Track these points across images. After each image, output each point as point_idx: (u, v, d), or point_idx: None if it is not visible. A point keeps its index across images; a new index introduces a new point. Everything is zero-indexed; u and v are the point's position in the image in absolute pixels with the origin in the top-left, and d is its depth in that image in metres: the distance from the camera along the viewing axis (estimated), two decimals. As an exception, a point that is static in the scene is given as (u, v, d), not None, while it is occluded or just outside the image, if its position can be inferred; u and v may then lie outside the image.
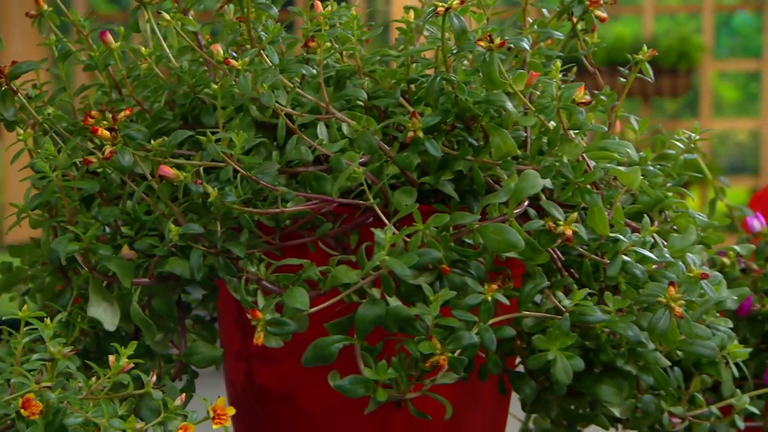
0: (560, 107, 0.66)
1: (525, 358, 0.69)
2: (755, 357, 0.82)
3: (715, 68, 7.50)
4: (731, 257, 0.82)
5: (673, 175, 0.78)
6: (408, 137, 0.65)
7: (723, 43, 12.20)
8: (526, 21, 0.75)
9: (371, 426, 0.70)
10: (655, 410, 0.70)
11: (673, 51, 6.79)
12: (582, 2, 0.76)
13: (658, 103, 8.29)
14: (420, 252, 0.63)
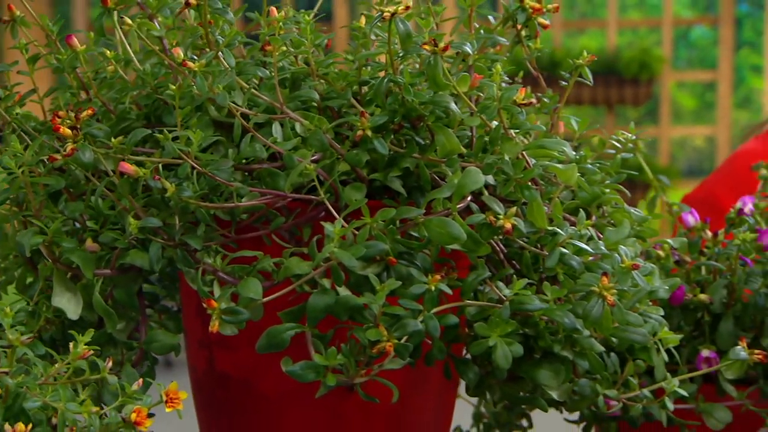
0: (500, 108, 0.65)
1: (469, 345, 0.68)
2: (689, 344, 0.82)
3: (674, 78, 7.56)
4: (666, 250, 0.82)
5: (611, 173, 0.77)
6: (357, 136, 0.65)
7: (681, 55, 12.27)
8: (472, 27, 0.73)
9: (325, 409, 0.70)
10: (591, 393, 0.69)
11: (635, 62, 6.82)
12: (525, 10, 0.75)
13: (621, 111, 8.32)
14: (367, 244, 0.62)
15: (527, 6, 0.75)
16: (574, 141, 0.80)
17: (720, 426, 0.78)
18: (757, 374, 0.80)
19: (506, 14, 0.76)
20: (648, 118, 9.24)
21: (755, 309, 0.79)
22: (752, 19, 9.40)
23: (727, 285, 0.80)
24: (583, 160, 0.77)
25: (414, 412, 0.72)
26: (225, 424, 0.73)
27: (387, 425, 0.71)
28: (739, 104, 7.94)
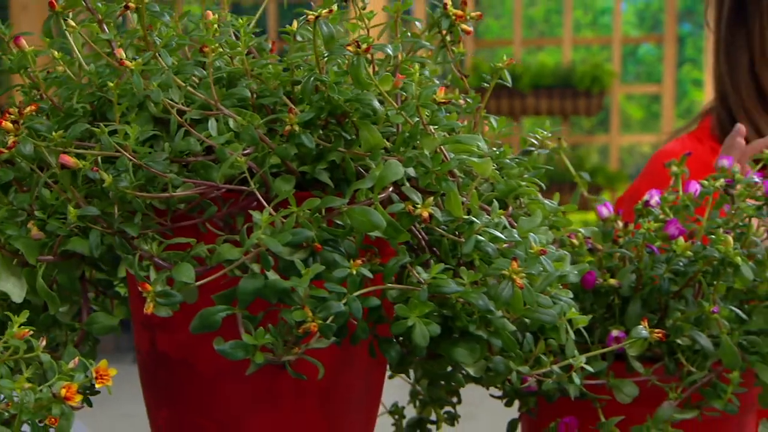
0: (419, 105, 0.64)
1: (391, 325, 0.67)
2: (601, 325, 0.81)
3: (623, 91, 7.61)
4: (580, 238, 0.81)
5: (529, 168, 0.76)
6: (285, 131, 0.63)
7: (629, 70, 12.33)
8: (398, 32, 0.72)
9: (258, 386, 0.68)
10: (504, 369, 0.69)
11: (588, 76, 6.86)
12: (448, 17, 0.74)
13: (576, 121, 8.34)
14: (294, 231, 0.61)
15: (450, 13, 0.74)
16: (497, 139, 0.80)
17: (628, 400, 0.77)
18: (662, 352, 0.79)
19: (431, 21, 0.75)
20: (600, 127, 9.28)
21: (660, 292, 0.78)
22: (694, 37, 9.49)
23: (635, 270, 0.79)
24: (502, 156, 0.76)
25: (343, 389, 0.71)
26: (167, 401, 0.71)
27: (317, 401, 0.70)
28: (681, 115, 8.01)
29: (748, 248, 0.80)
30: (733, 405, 0.76)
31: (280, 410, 0.69)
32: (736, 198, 0.80)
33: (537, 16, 22.63)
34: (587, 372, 0.73)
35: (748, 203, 0.79)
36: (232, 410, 0.69)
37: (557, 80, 6.99)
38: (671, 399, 0.77)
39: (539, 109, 7.13)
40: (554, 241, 0.76)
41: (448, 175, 0.66)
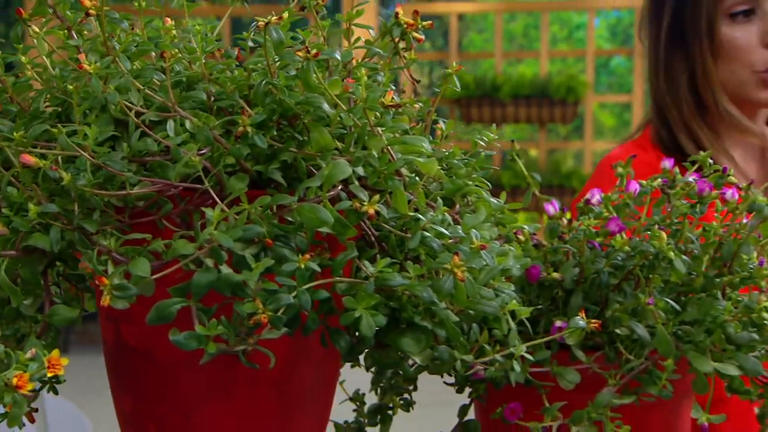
0: (365, 108, 0.63)
1: (340, 317, 0.65)
2: (546, 316, 0.80)
3: (596, 100, 7.63)
4: (526, 235, 0.79)
5: (477, 168, 0.75)
6: (238, 132, 0.62)
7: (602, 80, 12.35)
8: (351, 39, 0.71)
9: (214, 376, 0.67)
10: (449, 358, 0.67)
11: (563, 86, 6.88)
12: (400, 26, 0.72)
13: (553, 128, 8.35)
14: (245, 228, 0.59)
15: (402, 21, 0.73)
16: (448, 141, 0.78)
17: (570, 386, 0.76)
18: (603, 341, 0.78)
19: (384, 29, 0.73)
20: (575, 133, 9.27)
21: (600, 285, 0.77)
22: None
23: (577, 265, 0.78)
24: (451, 157, 0.75)
25: (298, 379, 0.70)
26: (130, 390, 0.69)
27: (272, 391, 0.69)
28: (647, 122, 8.00)
29: (686, 244, 0.79)
30: (668, 391, 0.75)
31: (235, 399, 0.68)
32: (672, 197, 0.78)
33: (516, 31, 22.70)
34: (529, 360, 0.71)
35: (683, 202, 0.77)
36: (189, 399, 0.67)
37: (535, 90, 7.02)
38: (610, 385, 0.75)
39: (518, 116, 7.15)
40: (499, 236, 0.75)
41: (395, 174, 0.64)
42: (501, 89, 7.07)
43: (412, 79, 0.76)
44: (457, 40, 7.57)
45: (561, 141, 10.50)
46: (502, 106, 7.12)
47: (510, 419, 0.75)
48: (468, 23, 20.34)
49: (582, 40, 9.61)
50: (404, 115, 0.74)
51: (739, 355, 0.75)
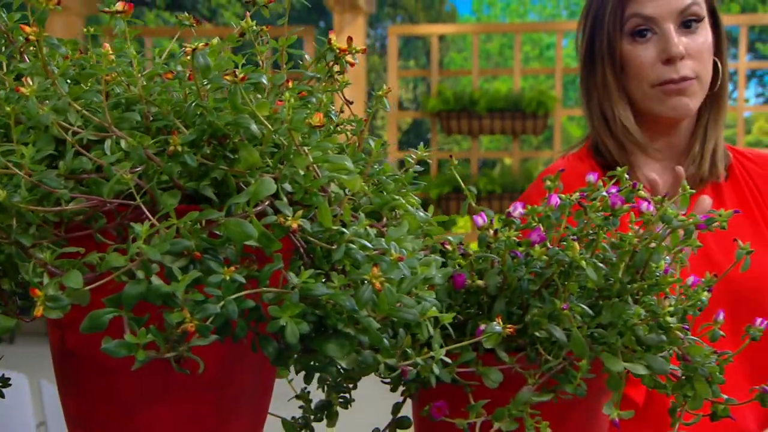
0: (290, 128, 0.60)
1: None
2: (473, 320, 0.77)
3: (565, 114, 7.63)
4: (453, 245, 0.77)
5: (405, 183, 0.72)
6: (169, 151, 0.59)
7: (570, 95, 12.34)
8: (283, 63, 0.68)
9: (156, 379, 0.64)
10: (373, 362, 0.65)
11: (534, 101, 6.89)
12: (333, 51, 0.70)
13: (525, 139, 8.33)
14: (172, 241, 0.57)
15: (335, 47, 0.70)
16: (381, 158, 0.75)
17: (494, 385, 0.74)
18: (525, 343, 0.76)
19: (319, 54, 0.71)
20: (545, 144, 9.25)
21: (521, 291, 0.74)
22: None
23: (500, 272, 0.75)
24: (381, 173, 0.72)
25: (236, 383, 0.67)
26: (75, 393, 0.67)
27: (211, 392, 0.66)
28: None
29: (603, 252, 0.77)
30: (582, 389, 0.73)
31: (174, 402, 0.65)
32: (588, 209, 0.76)
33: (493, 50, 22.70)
34: (452, 362, 0.69)
35: (599, 215, 0.75)
36: (130, 402, 0.64)
37: (509, 104, 7.05)
38: (530, 384, 0.73)
39: (494, 128, 7.17)
40: (426, 247, 0.73)
41: (320, 190, 0.62)
42: (478, 103, 7.10)
43: (345, 101, 0.73)
44: (439, 59, 7.57)
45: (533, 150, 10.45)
46: (479, 118, 7.16)
47: (436, 417, 0.73)
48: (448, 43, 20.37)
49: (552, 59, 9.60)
50: (339, 133, 0.71)
51: (648, 356, 0.73)
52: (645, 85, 1.19)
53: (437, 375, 0.70)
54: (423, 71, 9.84)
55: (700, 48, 1.17)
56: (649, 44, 1.18)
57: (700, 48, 1.17)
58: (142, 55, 0.65)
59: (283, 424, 0.82)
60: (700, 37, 1.18)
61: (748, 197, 1.23)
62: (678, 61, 1.16)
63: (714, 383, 0.75)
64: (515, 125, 7.14)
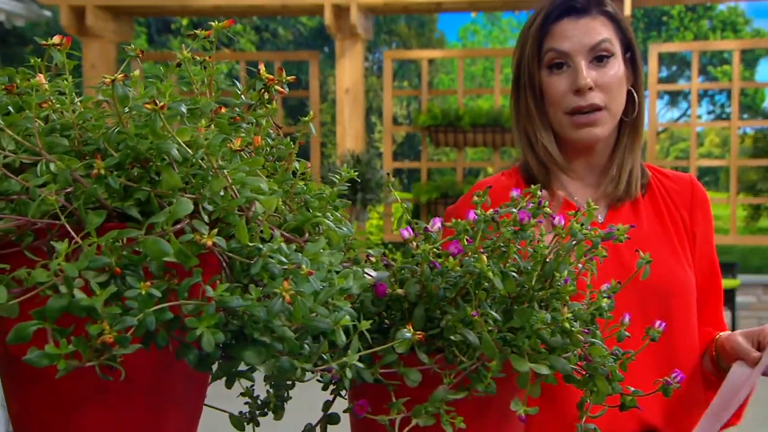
0: (207, 153, 0.56)
1: (187, 334, 0.59)
2: (397, 325, 0.73)
3: None
4: (377, 257, 0.73)
5: (330, 201, 0.69)
6: (93, 173, 0.55)
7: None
8: (211, 92, 0.65)
9: (91, 382, 0.60)
10: (290, 367, 0.61)
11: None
12: (262, 80, 0.66)
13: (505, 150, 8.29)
14: (92, 258, 0.53)
15: (263, 77, 0.67)
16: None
17: (414, 384, 0.70)
18: (444, 345, 0.72)
19: (249, 83, 0.67)
20: (521, 154, 9.18)
21: (438, 299, 0.71)
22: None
23: (419, 282, 0.71)
24: (308, 192, 0.68)
25: (167, 386, 0.64)
26: (17, 394, 0.63)
27: (145, 393, 0.62)
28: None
29: (519, 262, 0.73)
30: (492, 387, 0.69)
31: (110, 403, 0.61)
32: (500, 224, 0.72)
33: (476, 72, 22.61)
34: (369, 364, 0.65)
35: (509, 229, 0.72)
36: (67, 403, 0.61)
37: (490, 120, 7.06)
38: (445, 383, 0.69)
39: (477, 141, 7.17)
40: (348, 259, 0.69)
41: (237, 209, 0.58)
42: (463, 119, 7.10)
43: (276, 126, 0.70)
44: (428, 80, 7.55)
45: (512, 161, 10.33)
46: (464, 132, 7.18)
47: (358, 414, 0.69)
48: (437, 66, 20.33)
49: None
50: (263, 156, 0.68)
51: (552, 357, 0.70)
52: (559, 113, 1.17)
53: (361, 376, 0.67)
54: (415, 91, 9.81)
55: (609, 81, 1.15)
56: (564, 76, 1.15)
57: (610, 81, 1.15)
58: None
59: (230, 419, 0.79)
60: (611, 71, 1.15)
61: (664, 212, 1.21)
62: (587, 92, 1.14)
63: (614, 380, 0.71)
64: (496, 138, 7.16)
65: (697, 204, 1.22)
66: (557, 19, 1.16)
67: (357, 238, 0.70)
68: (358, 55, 7.00)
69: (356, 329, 0.65)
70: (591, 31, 1.15)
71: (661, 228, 1.18)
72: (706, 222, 1.22)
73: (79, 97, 0.62)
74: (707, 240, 1.22)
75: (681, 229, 1.19)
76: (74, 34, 6.99)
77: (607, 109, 1.15)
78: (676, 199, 1.22)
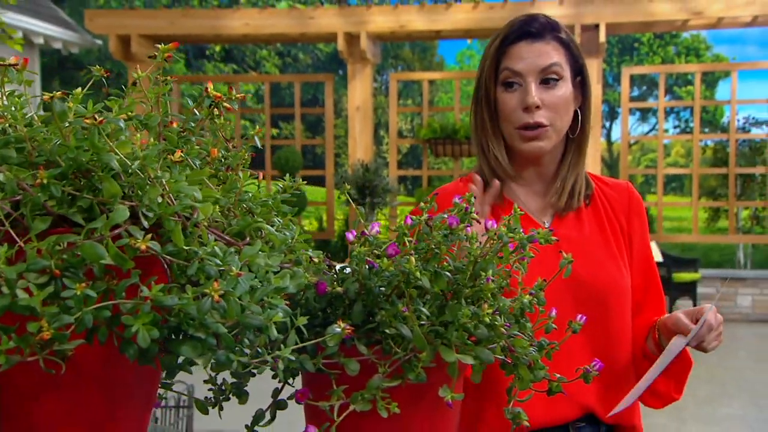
0: (144, 164, 0.53)
1: (126, 330, 0.55)
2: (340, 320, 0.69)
3: None
4: (320, 257, 0.69)
5: (273, 207, 0.65)
6: (37, 183, 0.52)
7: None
8: (159, 108, 0.61)
9: (44, 377, 0.56)
10: (226, 360, 0.57)
11: None
12: (210, 97, 0.63)
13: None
14: (32, 261, 0.49)
15: (211, 94, 0.63)
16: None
17: (354, 372, 0.66)
18: (381, 338, 0.68)
19: (199, 99, 0.64)
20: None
21: (374, 296, 0.67)
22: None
23: (357, 280, 0.67)
24: (253, 200, 0.65)
25: (119, 379, 0.60)
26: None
27: (96, 389, 0.59)
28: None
29: (452, 262, 0.69)
30: (422, 376, 0.65)
31: (65, 394, 0.58)
32: (433, 228, 0.68)
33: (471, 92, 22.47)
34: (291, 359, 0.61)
35: (441, 232, 0.67)
36: (25, 395, 0.57)
37: None
38: (381, 372, 0.66)
39: (472, 152, 7.15)
40: (290, 261, 0.65)
41: (173, 216, 0.54)
42: (459, 132, 7.09)
43: (226, 140, 0.66)
44: (429, 98, 7.51)
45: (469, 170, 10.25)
46: (460, 144, 7.18)
47: (300, 401, 0.66)
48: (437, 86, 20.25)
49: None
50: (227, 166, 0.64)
51: (477, 348, 0.66)
52: (510, 127, 1.13)
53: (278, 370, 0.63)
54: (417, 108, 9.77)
55: (556, 101, 1.10)
56: (515, 94, 1.11)
57: (557, 101, 1.10)
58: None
59: (195, 403, 0.75)
60: (559, 92, 1.11)
61: (604, 220, 1.17)
62: (534, 110, 1.10)
63: (536, 369, 0.67)
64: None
65: (633, 209, 1.19)
66: (514, 42, 1.12)
67: (300, 241, 0.66)
68: (368, 77, 6.97)
69: (293, 324, 0.61)
70: (543, 55, 1.11)
71: (600, 235, 1.15)
72: (642, 224, 1.19)
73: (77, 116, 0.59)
74: (643, 240, 1.19)
75: (619, 235, 1.17)
76: (121, 59, 7.00)
77: (552, 126, 1.11)
78: (615, 206, 1.19)
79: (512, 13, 6.44)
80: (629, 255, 1.17)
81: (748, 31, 38.57)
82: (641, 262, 1.18)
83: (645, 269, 1.18)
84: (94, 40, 8.36)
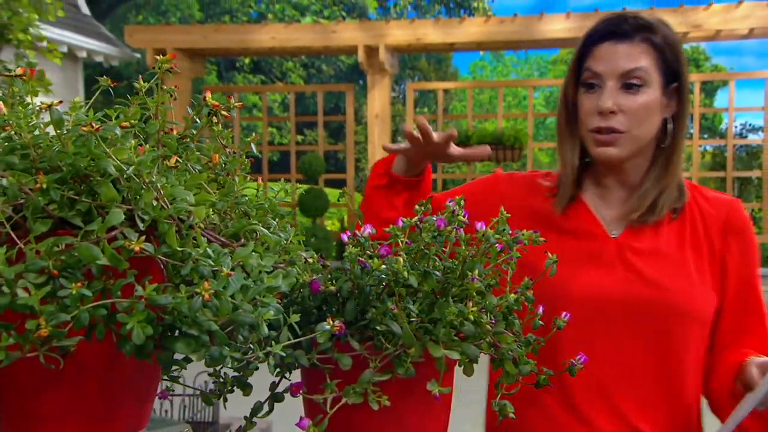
0: (139, 169, 0.51)
1: (123, 327, 0.54)
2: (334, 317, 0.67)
3: (536, 146, 7.46)
4: (314, 258, 0.67)
5: (271, 210, 0.63)
6: (36, 188, 0.51)
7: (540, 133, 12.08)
8: (158, 115, 0.59)
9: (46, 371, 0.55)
10: (219, 356, 0.55)
11: (512, 137, 6.78)
12: (208, 106, 0.61)
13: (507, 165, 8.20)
14: (29, 262, 0.48)
15: (209, 103, 0.61)
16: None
17: (347, 367, 0.64)
18: (373, 335, 0.66)
19: (198, 108, 0.62)
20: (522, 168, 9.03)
21: (366, 295, 0.64)
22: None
23: (350, 279, 0.65)
24: (247, 204, 0.63)
25: (118, 373, 0.58)
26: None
27: (98, 379, 0.57)
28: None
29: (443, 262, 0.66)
30: (411, 370, 0.62)
31: (66, 388, 0.56)
32: (423, 230, 0.66)
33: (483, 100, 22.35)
34: (283, 355, 0.59)
35: (430, 234, 0.65)
36: (27, 389, 0.56)
37: (494, 139, 7.02)
38: (372, 367, 0.63)
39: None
40: (284, 261, 0.63)
41: (168, 218, 0.53)
42: (472, 139, 7.07)
43: (223, 146, 0.64)
44: (444, 107, 7.48)
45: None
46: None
47: (294, 394, 0.64)
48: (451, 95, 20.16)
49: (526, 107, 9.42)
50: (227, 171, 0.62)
51: (464, 344, 0.63)
52: (584, 130, 1.00)
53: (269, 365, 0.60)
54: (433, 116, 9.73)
55: (636, 108, 0.95)
56: (594, 96, 0.98)
57: (637, 108, 0.95)
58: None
59: (201, 395, 0.74)
60: (640, 99, 0.95)
61: (687, 237, 0.99)
62: (608, 114, 0.96)
63: (521, 364, 0.64)
64: (499, 154, 7.11)
65: (732, 229, 0.99)
66: (599, 41, 0.99)
67: (294, 242, 0.64)
68: (386, 86, 6.95)
69: (286, 321, 0.59)
70: (627, 58, 0.95)
71: (678, 252, 0.98)
72: (743, 246, 0.99)
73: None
74: (744, 264, 0.99)
75: (705, 254, 0.98)
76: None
77: (627, 132, 0.97)
78: (709, 223, 1.00)
79: (522, 27, 6.36)
80: (720, 278, 0.98)
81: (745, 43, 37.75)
82: (739, 288, 0.98)
83: (744, 298, 0.98)
84: (133, 53, 8.46)
